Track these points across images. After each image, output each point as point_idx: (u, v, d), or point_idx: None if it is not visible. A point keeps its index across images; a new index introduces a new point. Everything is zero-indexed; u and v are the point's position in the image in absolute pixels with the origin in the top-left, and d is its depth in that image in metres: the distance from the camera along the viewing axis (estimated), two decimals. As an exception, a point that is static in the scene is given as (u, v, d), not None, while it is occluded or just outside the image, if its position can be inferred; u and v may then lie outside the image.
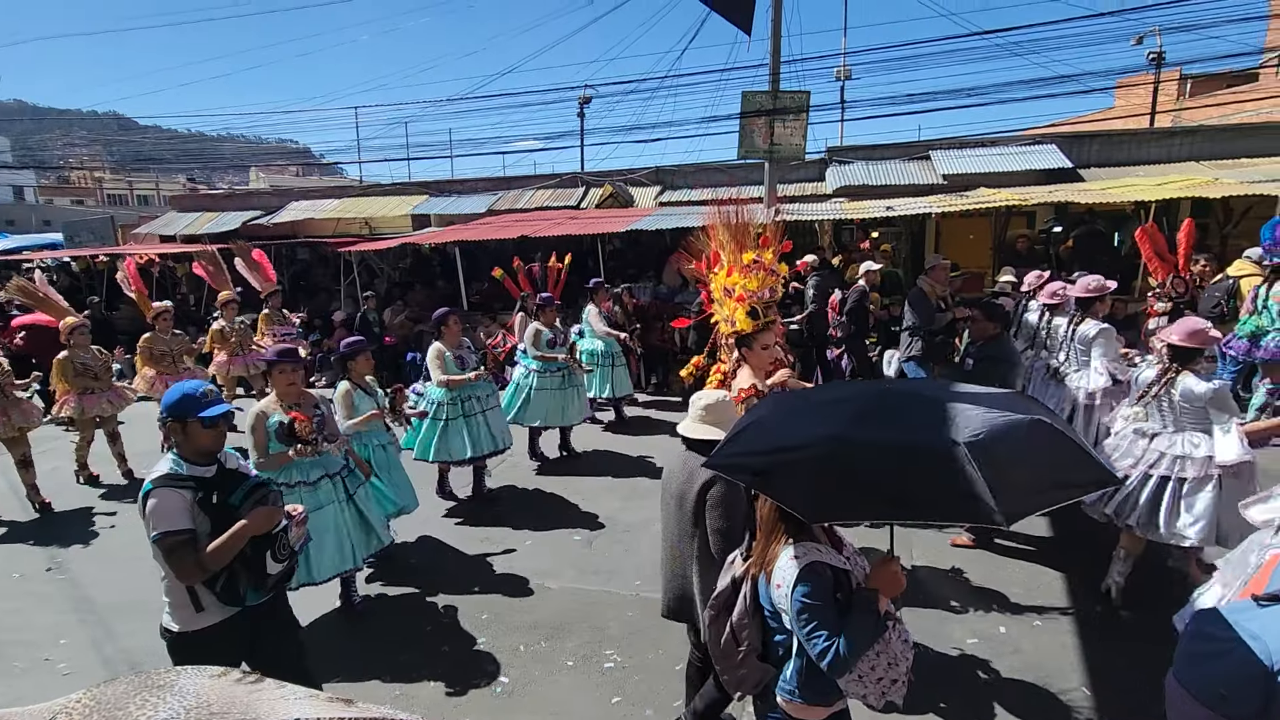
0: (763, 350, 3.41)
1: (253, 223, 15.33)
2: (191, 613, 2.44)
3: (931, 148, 12.23)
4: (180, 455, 2.49)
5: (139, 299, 8.18)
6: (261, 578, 2.44)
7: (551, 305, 6.68)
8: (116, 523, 5.75)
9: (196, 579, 2.37)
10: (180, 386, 2.53)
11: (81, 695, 0.79)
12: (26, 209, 33.36)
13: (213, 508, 2.41)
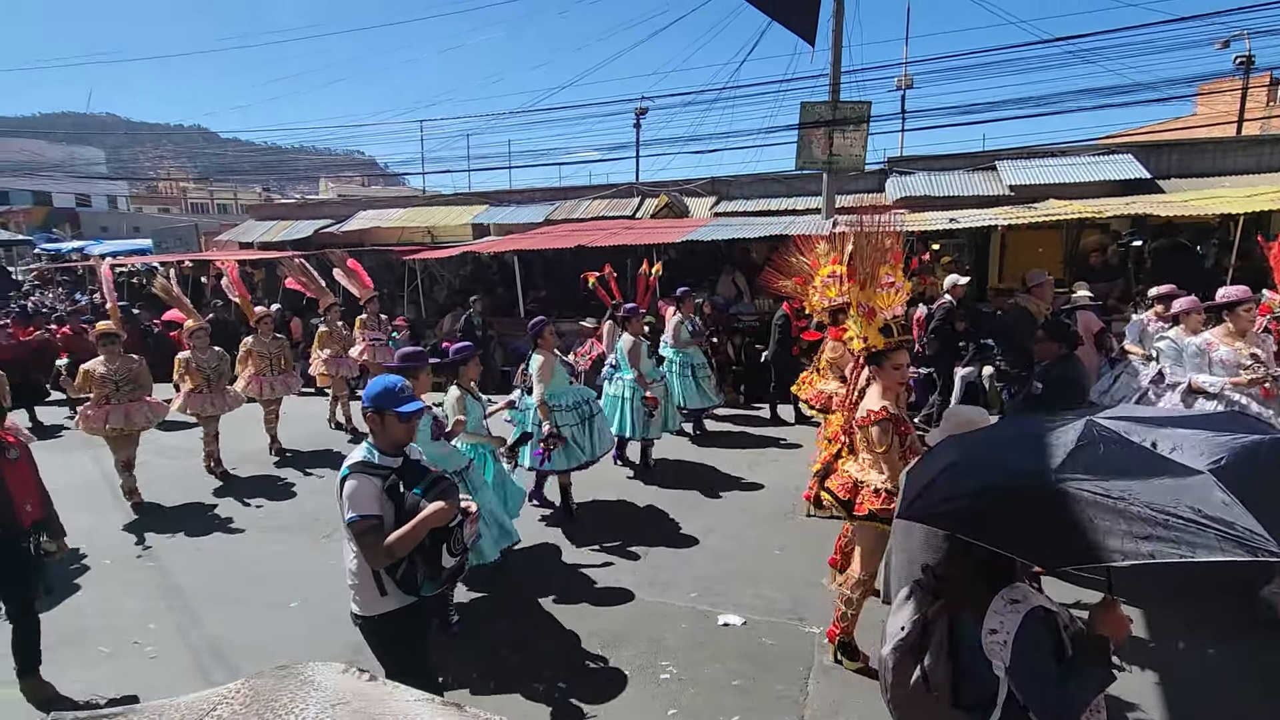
0: (894, 370, 3.33)
1: (324, 231, 16.04)
2: (375, 596, 2.57)
3: (997, 158, 11.89)
4: (374, 445, 2.65)
5: (242, 303, 8.58)
6: (437, 570, 2.52)
7: (639, 315, 6.58)
8: (207, 516, 6.08)
9: (383, 564, 2.49)
10: (382, 380, 2.68)
11: (240, 685, 0.88)
12: (119, 216, 35.72)
13: (399, 496, 2.54)
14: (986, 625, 1.79)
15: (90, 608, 4.52)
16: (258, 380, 7.53)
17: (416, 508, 2.50)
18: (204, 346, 6.88)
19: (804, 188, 13.08)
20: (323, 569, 4.97)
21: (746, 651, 3.78)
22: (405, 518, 2.49)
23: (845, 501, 3.38)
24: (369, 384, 2.69)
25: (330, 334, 8.49)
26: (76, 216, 32.14)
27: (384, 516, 2.50)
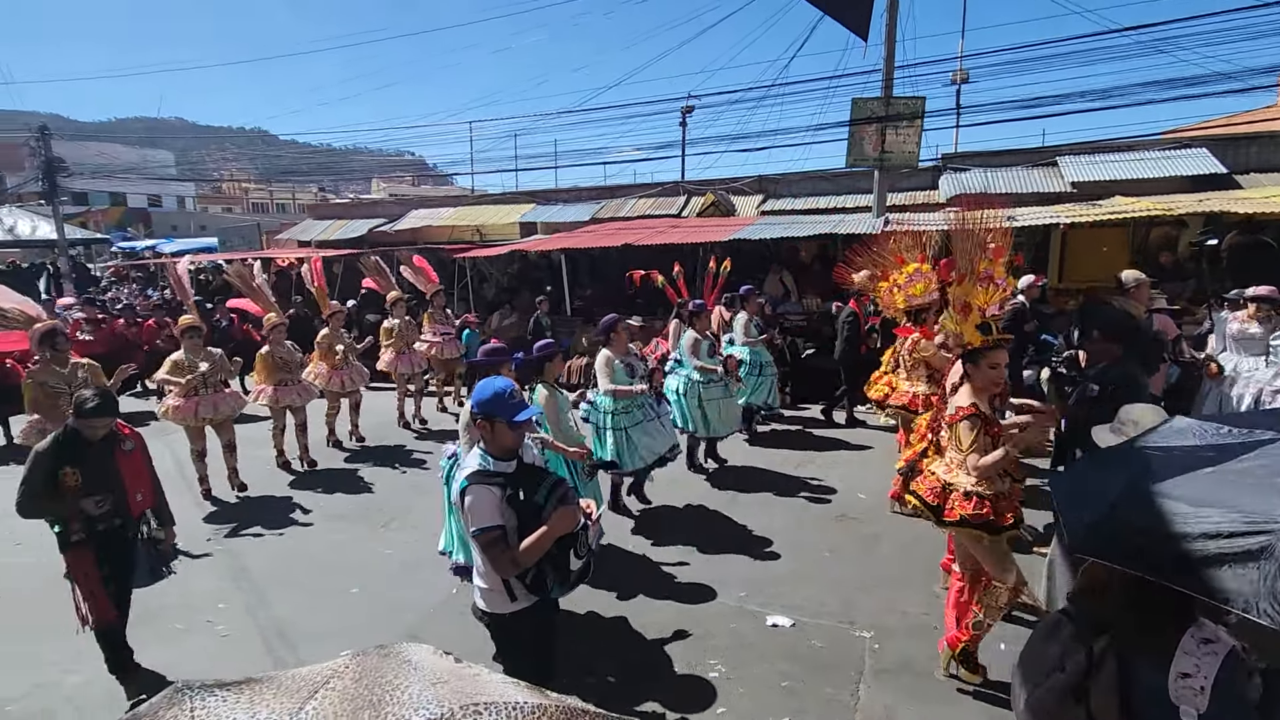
0: (990, 369, 3.22)
1: (377, 229, 16.52)
2: (505, 599, 2.58)
3: (1059, 153, 11.46)
4: (486, 451, 2.60)
5: (318, 295, 8.83)
6: (565, 573, 2.53)
7: (705, 312, 6.53)
8: (273, 504, 6.35)
9: (511, 573, 2.48)
10: (492, 385, 2.61)
11: (347, 660, 0.94)
12: (186, 216, 37.53)
13: (519, 504, 2.51)
14: (1177, 669, 1.59)
15: (165, 587, 4.74)
16: (332, 374, 7.71)
17: (540, 514, 2.48)
18: (281, 341, 7.11)
19: (853, 185, 12.85)
20: (381, 558, 5.16)
21: (795, 653, 3.76)
22: (528, 523, 2.48)
23: (934, 506, 3.28)
24: (477, 388, 2.64)
25: (392, 331, 8.60)
26: (149, 216, 33.87)
27: (506, 525, 2.48)
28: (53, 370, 5.44)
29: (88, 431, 3.55)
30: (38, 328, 5.55)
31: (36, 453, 3.52)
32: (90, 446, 3.57)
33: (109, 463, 3.63)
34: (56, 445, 3.53)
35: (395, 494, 6.48)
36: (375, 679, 0.88)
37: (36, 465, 3.48)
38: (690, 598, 4.39)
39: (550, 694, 0.93)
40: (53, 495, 3.48)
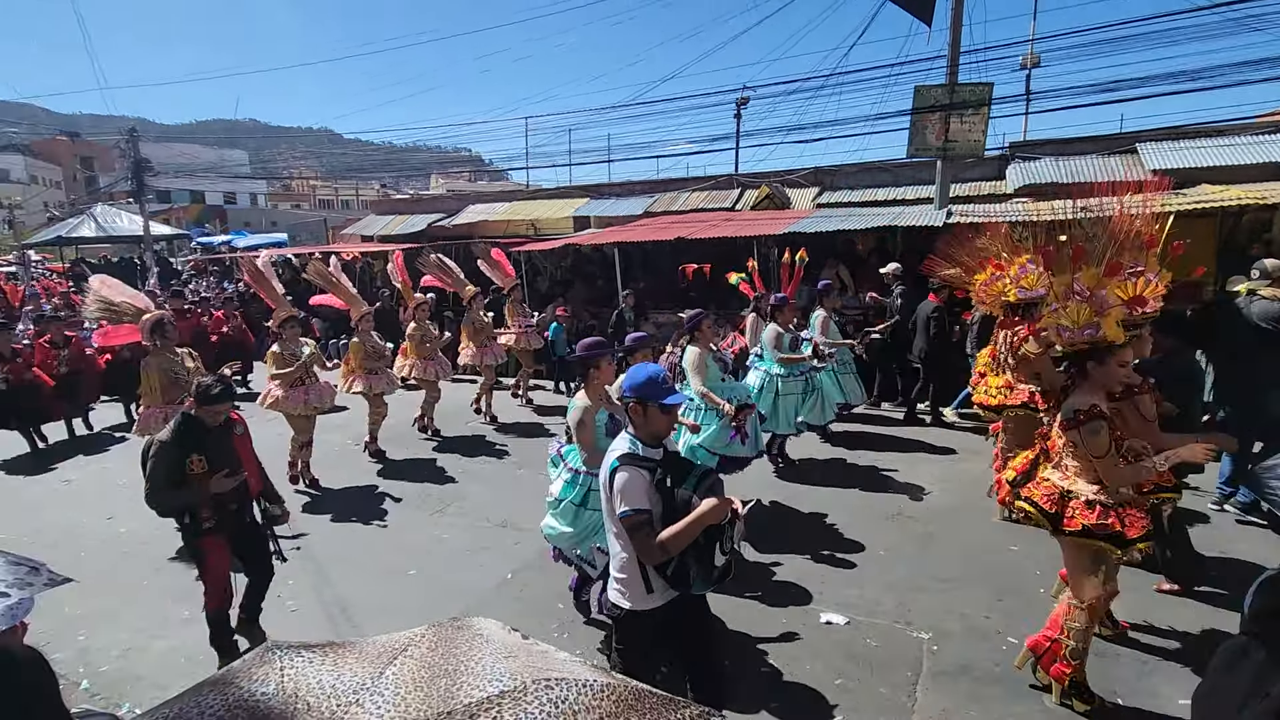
0: (1119, 367, 3.03)
1: (436, 224, 16.94)
2: (642, 592, 2.50)
3: (1139, 139, 10.81)
4: (636, 436, 2.55)
5: (404, 289, 8.95)
6: (709, 568, 2.42)
7: (787, 305, 6.41)
8: (340, 488, 6.63)
9: (656, 559, 2.40)
10: (645, 369, 2.59)
11: (423, 630, 0.99)
12: (259, 212, 39.41)
13: (667, 491, 2.44)
14: None
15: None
16: (425, 363, 7.94)
17: (689, 503, 2.40)
18: (369, 331, 7.31)
19: (914, 176, 12.45)
20: (436, 542, 5.32)
21: (850, 652, 3.71)
22: (674, 513, 2.40)
23: (1051, 514, 3.09)
24: (630, 373, 2.60)
25: (474, 325, 8.73)
26: (224, 213, 35.71)
27: (653, 511, 2.42)
28: (165, 357, 5.67)
29: (209, 418, 3.59)
30: (147, 318, 5.75)
31: (160, 443, 3.52)
32: (209, 433, 3.61)
33: (228, 447, 3.70)
34: (178, 434, 3.53)
35: (453, 481, 6.66)
36: (450, 649, 0.92)
37: (162, 456, 3.49)
38: (741, 590, 4.37)
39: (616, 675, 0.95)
40: (181, 484, 3.50)
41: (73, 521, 5.86)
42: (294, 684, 0.90)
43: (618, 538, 2.51)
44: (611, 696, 0.87)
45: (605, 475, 2.51)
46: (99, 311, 6.02)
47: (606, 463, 2.53)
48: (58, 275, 20.97)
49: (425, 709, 0.85)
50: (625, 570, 2.54)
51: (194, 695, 0.90)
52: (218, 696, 0.88)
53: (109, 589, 4.61)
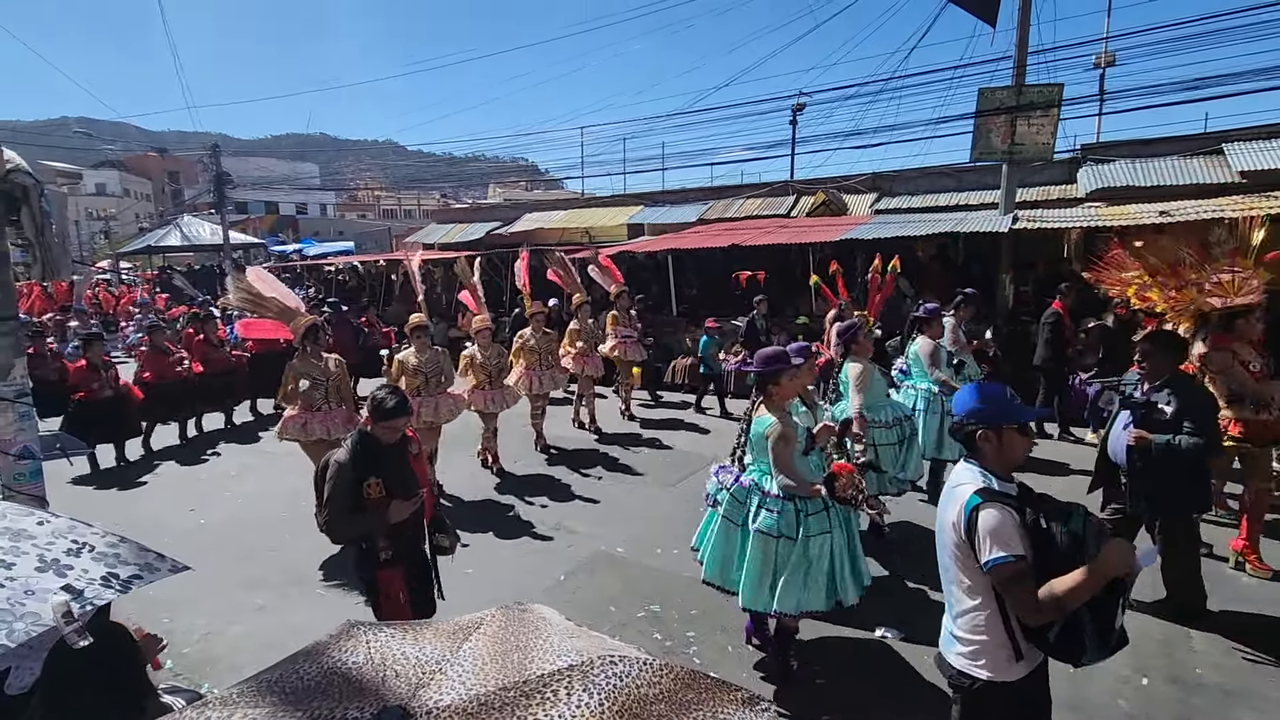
0: None
1: (494, 232, 17.39)
2: (1008, 658, 2.05)
3: (1225, 139, 10.21)
4: (984, 467, 2.13)
5: (523, 295, 8.37)
6: (1109, 632, 1.97)
7: (939, 316, 5.73)
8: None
9: (1040, 618, 1.96)
10: (990, 390, 2.22)
11: (494, 611, 1.06)
12: (327, 222, 41.25)
13: (1042, 533, 2.01)
14: None
15: (308, 555, 5.27)
16: (528, 374, 7.45)
17: (1081, 548, 1.96)
18: (488, 343, 6.87)
19: (977, 181, 12.10)
20: (491, 542, 5.46)
21: (900, 665, 3.62)
22: (1052, 561, 1.96)
23: None
24: (968, 395, 2.22)
25: (580, 330, 8.28)
26: (296, 222, 37.51)
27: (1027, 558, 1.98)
28: (310, 363, 5.54)
29: (385, 435, 3.18)
30: (302, 321, 5.56)
31: (338, 464, 3.13)
32: (385, 452, 3.20)
33: (405, 468, 3.27)
34: (355, 454, 3.13)
35: (509, 481, 6.79)
36: (519, 628, 0.98)
37: (341, 478, 3.09)
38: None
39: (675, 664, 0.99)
40: (360, 510, 3.12)
41: (158, 514, 6.26)
42: (380, 655, 0.97)
43: (971, 591, 2.08)
44: (670, 675, 0.93)
45: (955, 515, 2.07)
46: (243, 302, 5.76)
47: (954, 500, 2.10)
48: (146, 282, 22.46)
49: (502, 678, 0.92)
50: (984, 631, 2.07)
51: (290, 664, 0.99)
52: (312, 665, 0.96)
53: (190, 577, 4.83)
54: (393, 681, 0.93)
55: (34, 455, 3.61)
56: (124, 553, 1.89)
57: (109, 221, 39.28)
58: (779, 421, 3.27)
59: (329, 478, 3.13)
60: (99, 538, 1.93)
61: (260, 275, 5.92)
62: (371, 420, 3.18)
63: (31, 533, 1.78)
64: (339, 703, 0.89)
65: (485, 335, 6.87)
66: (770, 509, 3.32)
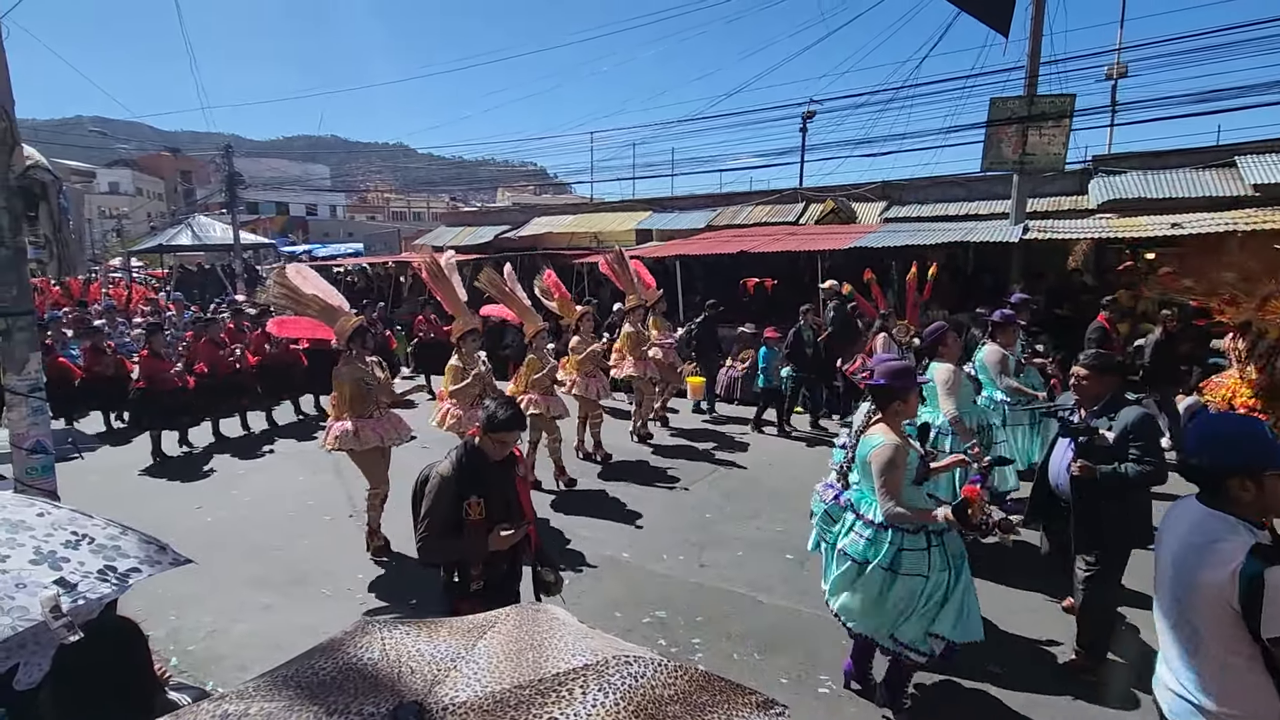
0: None
1: (503, 236, 17.45)
2: None
3: (1238, 152, 10.17)
4: (1244, 518, 1.86)
5: (561, 304, 8.02)
6: None
7: (1013, 323, 5.43)
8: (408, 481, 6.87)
9: None
10: (1243, 426, 1.98)
11: (508, 611, 1.06)
12: (337, 223, 41.51)
13: None
14: None
15: (311, 554, 5.29)
16: (587, 380, 7.19)
17: None
18: (544, 349, 6.57)
19: (988, 191, 12.08)
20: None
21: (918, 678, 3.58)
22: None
23: None
24: (1210, 430, 1.98)
25: (635, 335, 7.91)
26: (306, 224, 37.78)
27: None
28: (358, 366, 5.14)
29: (495, 450, 2.86)
30: (350, 323, 5.18)
31: (441, 478, 2.82)
32: (491, 470, 2.87)
33: (510, 490, 2.95)
34: (459, 468, 2.82)
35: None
36: (534, 627, 0.99)
37: (443, 494, 2.78)
38: (797, 609, 4.31)
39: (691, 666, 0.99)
40: (458, 532, 2.79)
41: (164, 511, 6.28)
42: (395, 652, 0.98)
43: (1232, 659, 1.82)
44: (684, 676, 0.93)
45: (1220, 578, 1.79)
46: (281, 299, 5.38)
47: (1215, 561, 1.82)
48: (157, 280, 22.63)
49: (517, 676, 0.92)
50: (1249, 697, 1.82)
51: (305, 660, 0.99)
52: (328, 661, 0.96)
53: (196, 574, 4.87)
54: (408, 678, 0.94)
55: (47, 450, 3.64)
56: (125, 545, 1.86)
57: (121, 220, 39.66)
58: (890, 443, 2.96)
59: (429, 491, 2.83)
60: (100, 529, 1.90)
61: (301, 272, 5.53)
62: (481, 431, 2.87)
63: (30, 524, 1.76)
64: (355, 698, 0.90)
65: (542, 340, 6.53)
66: (860, 533, 3.08)
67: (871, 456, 3.00)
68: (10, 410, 3.57)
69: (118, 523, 2.03)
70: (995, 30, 9.42)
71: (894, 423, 3.08)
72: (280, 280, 5.40)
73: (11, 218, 3.33)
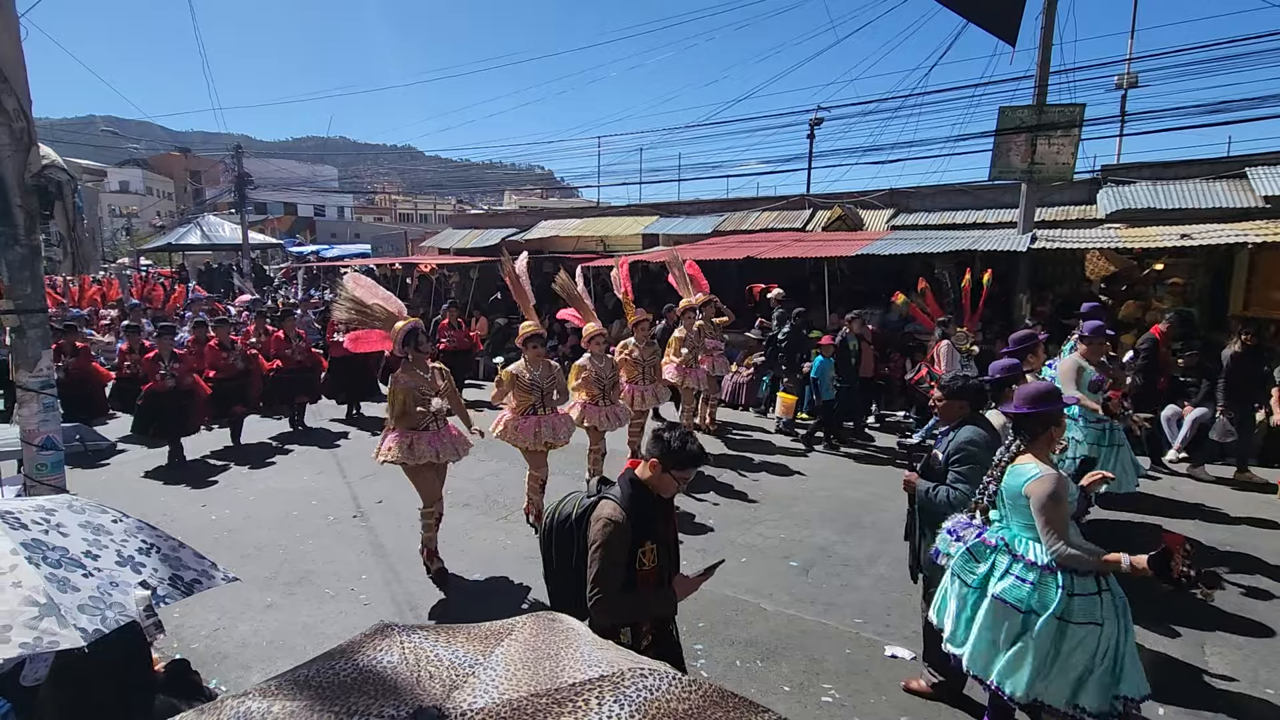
0: None
1: (509, 239, 17.49)
2: None
3: (1249, 164, 10.13)
4: None
5: (624, 302, 7.64)
6: None
7: (1101, 334, 5.08)
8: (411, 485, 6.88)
9: None
10: None
11: (524, 619, 1.07)
12: (344, 225, 41.69)
13: None
14: None
15: (316, 554, 5.30)
16: (631, 389, 6.79)
17: None
18: (601, 354, 6.14)
19: (995, 199, 12.05)
20: (500, 548, 5.45)
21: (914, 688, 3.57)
22: None
23: None
24: None
25: (683, 341, 7.57)
26: (314, 224, 37.93)
27: None
28: (415, 374, 4.78)
29: (669, 487, 2.46)
30: (401, 325, 4.86)
31: (614, 524, 2.34)
32: (659, 509, 2.49)
33: (672, 529, 2.62)
34: (633, 511, 2.40)
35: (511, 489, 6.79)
36: (550, 636, 0.99)
37: (619, 543, 2.33)
38: (800, 617, 4.29)
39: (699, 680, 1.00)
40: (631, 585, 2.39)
41: (169, 507, 6.31)
42: (415, 656, 0.98)
43: None
44: (698, 691, 0.93)
45: None
46: (349, 314, 5.08)
47: None
48: (165, 279, 22.75)
49: (533, 685, 0.93)
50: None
51: (325, 661, 1.00)
52: (346, 663, 0.97)
53: (202, 571, 4.94)
54: (427, 682, 0.94)
55: (56, 446, 3.66)
56: (184, 557, 2.01)
57: (131, 219, 39.92)
58: (1048, 474, 2.68)
59: (599, 540, 2.34)
60: (163, 540, 2.04)
61: (359, 281, 5.26)
62: (660, 466, 2.42)
63: (109, 529, 1.88)
64: (375, 700, 0.90)
65: (599, 343, 6.10)
66: (1022, 577, 2.73)
67: (1029, 490, 2.70)
68: (21, 407, 3.60)
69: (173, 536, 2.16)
70: (1002, 40, 9.43)
71: (1044, 452, 2.80)
72: (344, 295, 5.10)
73: (27, 216, 3.36)
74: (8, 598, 1.45)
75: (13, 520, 1.66)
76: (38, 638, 1.39)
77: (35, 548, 1.62)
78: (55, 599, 1.50)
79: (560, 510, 2.58)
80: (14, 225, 3.35)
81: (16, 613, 1.42)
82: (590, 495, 2.54)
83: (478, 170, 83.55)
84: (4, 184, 3.28)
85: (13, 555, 1.56)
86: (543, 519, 2.69)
